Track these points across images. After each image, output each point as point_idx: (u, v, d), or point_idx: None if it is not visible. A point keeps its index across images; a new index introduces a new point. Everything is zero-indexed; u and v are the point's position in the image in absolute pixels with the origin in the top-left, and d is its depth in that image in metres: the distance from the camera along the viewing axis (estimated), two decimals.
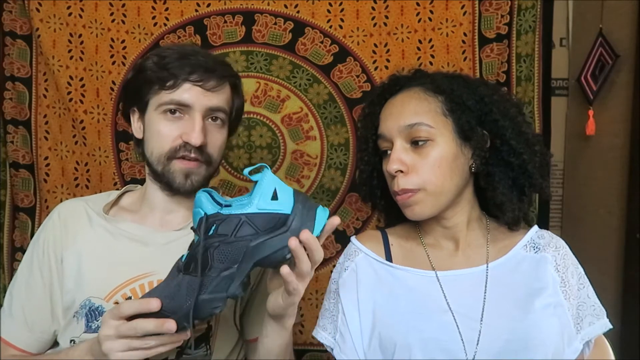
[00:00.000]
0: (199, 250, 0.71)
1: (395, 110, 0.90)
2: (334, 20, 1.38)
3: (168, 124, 0.92)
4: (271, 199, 0.73)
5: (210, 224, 0.72)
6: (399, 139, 0.88)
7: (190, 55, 0.93)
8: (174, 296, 0.70)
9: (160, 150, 0.93)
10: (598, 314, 0.89)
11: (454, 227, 0.93)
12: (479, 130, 0.89)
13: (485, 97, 0.90)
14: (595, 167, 1.43)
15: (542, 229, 0.97)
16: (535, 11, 1.36)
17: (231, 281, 0.71)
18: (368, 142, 0.96)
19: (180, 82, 0.90)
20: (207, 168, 0.95)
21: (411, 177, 0.86)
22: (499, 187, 0.89)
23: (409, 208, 0.88)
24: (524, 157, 0.89)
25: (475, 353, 0.82)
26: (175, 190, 0.94)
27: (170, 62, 0.91)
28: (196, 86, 0.91)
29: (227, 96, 0.96)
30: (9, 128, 1.44)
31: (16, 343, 0.93)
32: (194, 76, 0.91)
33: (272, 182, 0.74)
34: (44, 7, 1.38)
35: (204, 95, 0.91)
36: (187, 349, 0.90)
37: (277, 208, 0.73)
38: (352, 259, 0.95)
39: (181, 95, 0.91)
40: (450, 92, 0.89)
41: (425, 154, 0.86)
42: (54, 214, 0.99)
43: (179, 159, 0.92)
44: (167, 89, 0.91)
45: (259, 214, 0.72)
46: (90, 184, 1.44)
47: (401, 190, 0.87)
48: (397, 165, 0.86)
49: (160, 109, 0.92)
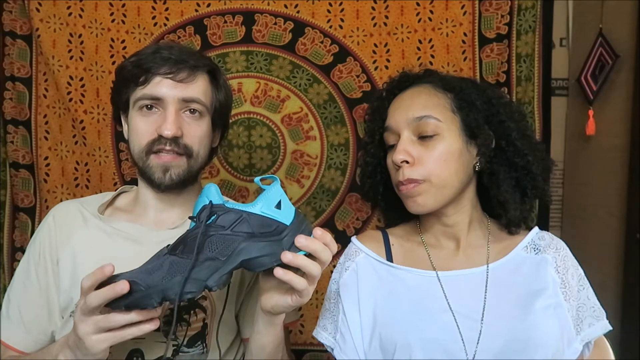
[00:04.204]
0: (197, 234, 0.71)
1: (404, 104, 0.92)
2: (334, 20, 1.38)
3: (144, 119, 0.93)
4: (275, 207, 0.74)
5: (213, 212, 0.73)
6: (406, 131, 0.89)
7: (162, 50, 0.94)
8: (153, 271, 0.70)
9: (139, 147, 0.93)
10: (598, 316, 0.90)
11: (454, 225, 0.93)
12: (486, 129, 0.90)
13: (493, 99, 0.92)
14: (595, 167, 1.43)
15: (542, 230, 0.98)
16: (535, 11, 1.36)
17: (213, 272, 0.71)
18: (375, 136, 0.97)
19: (152, 76, 0.91)
20: (188, 161, 0.94)
21: (417, 168, 0.87)
22: (503, 185, 0.90)
23: (411, 199, 0.89)
24: (528, 159, 0.90)
25: (475, 353, 0.82)
26: (156, 186, 0.94)
27: (143, 59, 0.93)
28: (167, 79, 0.91)
29: (202, 87, 0.95)
30: (9, 128, 1.44)
31: (14, 345, 0.94)
32: (164, 69, 0.91)
33: (280, 194, 0.76)
34: (44, 7, 1.38)
35: (174, 87, 0.92)
36: (182, 347, 0.90)
37: (278, 216, 0.74)
38: (353, 259, 0.95)
39: (153, 89, 0.91)
40: (459, 90, 0.91)
41: (432, 147, 0.87)
42: (49, 216, 1.00)
43: (155, 154, 0.92)
44: (141, 84, 0.92)
45: (260, 216, 0.73)
46: (90, 184, 1.44)
47: (406, 180, 0.87)
48: (403, 156, 0.87)
49: (137, 105, 0.93)
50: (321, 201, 1.41)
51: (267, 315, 0.82)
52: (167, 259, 0.72)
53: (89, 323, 0.70)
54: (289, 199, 1.47)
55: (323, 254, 0.73)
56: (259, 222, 0.73)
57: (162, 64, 0.92)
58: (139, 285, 0.68)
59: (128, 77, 0.93)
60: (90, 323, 0.70)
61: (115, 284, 0.68)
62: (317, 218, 1.41)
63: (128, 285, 0.68)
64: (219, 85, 1.00)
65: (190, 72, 0.93)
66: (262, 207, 0.74)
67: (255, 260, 0.72)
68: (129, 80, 0.93)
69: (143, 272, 0.71)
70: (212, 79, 0.98)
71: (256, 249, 0.72)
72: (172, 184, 0.93)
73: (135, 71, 0.92)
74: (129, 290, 0.67)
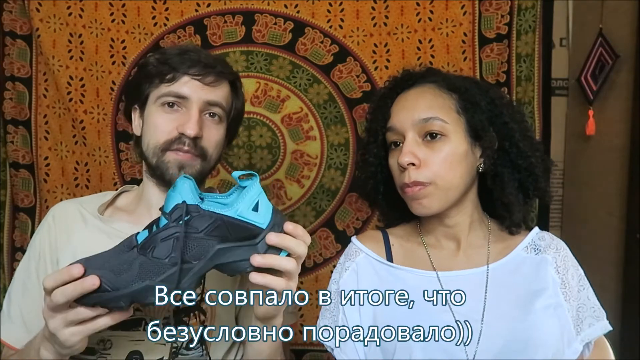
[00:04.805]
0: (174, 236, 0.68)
1: (408, 104, 0.91)
2: (334, 20, 1.38)
3: (165, 116, 0.93)
4: (252, 209, 0.72)
5: (186, 213, 0.70)
6: (411, 132, 0.88)
7: (190, 52, 0.95)
8: (121, 272, 0.67)
9: (155, 142, 0.93)
10: (598, 316, 0.89)
11: (455, 226, 0.93)
12: (490, 130, 0.90)
13: (496, 100, 0.92)
14: (595, 167, 1.43)
15: (542, 231, 0.98)
16: (535, 11, 1.36)
17: (185, 276, 0.69)
18: (377, 135, 0.95)
19: (180, 75, 0.92)
20: (202, 162, 0.94)
21: (423, 171, 0.86)
22: (507, 187, 0.90)
23: (417, 201, 0.88)
24: (531, 160, 0.90)
25: (475, 353, 0.82)
26: (168, 182, 0.94)
27: (171, 57, 0.94)
28: (195, 79, 0.92)
29: (225, 93, 0.97)
30: (9, 128, 1.44)
31: (15, 344, 0.94)
32: (193, 70, 0.93)
33: (258, 193, 0.73)
34: (44, 7, 1.38)
35: (201, 88, 0.93)
36: (182, 350, 0.90)
37: (255, 220, 0.72)
38: (353, 259, 0.95)
39: (180, 87, 0.92)
40: (464, 91, 0.90)
41: (437, 149, 0.87)
42: (48, 216, 1.00)
43: (173, 151, 0.92)
44: (167, 81, 0.93)
45: (236, 220, 0.71)
46: (90, 184, 1.44)
47: (412, 182, 0.86)
48: (409, 158, 0.86)
49: (159, 101, 0.94)
50: (321, 201, 1.41)
51: (263, 322, 0.81)
52: (137, 258, 0.69)
53: (58, 318, 0.69)
54: (289, 199, 1.47)
55: (297, 248, 0.73)
56: (235, 227, 0.71)
57: (191, 65, 0.93)
58: (106, 286, 0.66)
59: (153, 72, 0.94)
60: (59, 318, 0.69)
61: (84, 279, 0.65)
62: (317, 218, 1.41)
63: (98, 281, 0.65)
64: (238, 94, 1.02)
65: (217, 77, 0.94)
66: (239, 210, 0.71)
67: (229, 265, 0.71)
68: (154, 76, 0.94)
69: (109, 270, 0.67)
70: (232, 87, 1.00)
71: (231, 255, 0.71)
72: None
73: (162, 68, 0.93)
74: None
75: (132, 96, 0.99)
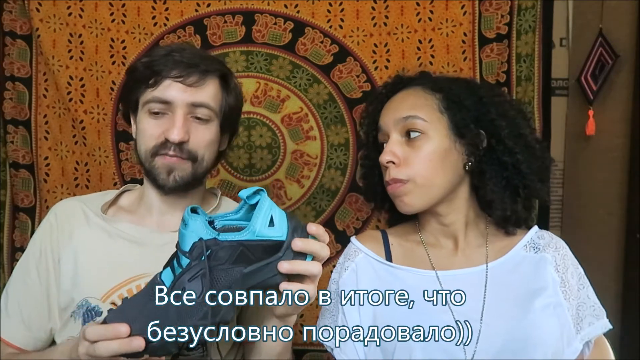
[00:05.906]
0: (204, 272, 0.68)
1: (393, 105, 0.94)
2: (334, 20, 1.38)
3: (152, 122, 0.93)
4: (268, 226, 0.71)
5: (206, 249, 0.70)
6: (394, 132, 0.91)
7: (175, 52, 0.93)
8: (158, 318, 0.67)
9: (145, 148, 0.94)
10: (598, 315, 0.90)
11: (451, 224, 0.94)
12: (474, 128, 0.91)
13: (484, 98, 0.92)
14: (595, 167, 1.43)
15: (542, 230, 0.98)
16: (535, 11, 1.35)
17: (222, 309, 0.69)
18: (369, 137, 1.00)
19: (161, 79, 0.91)
20: (193, 165, 0.94)
21: (402, 169, 0.89)
22: (489, 184, 0.91)
23: (399, 198, 0.91)
24: (517, 157, 0.90)
25: (474, 353, 0.82)
26: (161, 187, 0.94)
27: (155, 61, 0.93)
28: (177, 82, 0.91)
29: (212, 91, 0.95)
30: (9, 128, 1.44)
31: (13, 341, 0.94)
32: (174, 72, 0.91)
33: (271, 207, 0.72)
34: (44, 7, 1.38)
35: (184, 91, 0.91)
36: (183, 351, 0.90)
37: (273, 235, 0.71)
38: (352, 259, 0.95)
39: (163, 92, 0.91)
40: (448, 91, 0.92)
41: (417, 147, 0.89)
42: (50, 214, 1.00)
43: (161, 156, 0.92)
44: (151, 86, 0.92)
45: (256, 241, 0.70)
46: (90, 184, 1.44)
47: (392, 179, 0.90)
48: (389, 157, 0.90)
49: (146, 107, 0.93)
50: (321, 201, 1.41)
51: (280, 319, 0.82)
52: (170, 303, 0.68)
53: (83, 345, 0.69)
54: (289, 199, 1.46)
55: (322, 251, 0.74)
56: (256, 248, 0.70)
57: (172, 67, 0.91)
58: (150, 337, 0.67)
59: (139, 78, 0.94)
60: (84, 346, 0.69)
61: (131, 340, 0.66)
62: (317, 218, 1.41)
63: (144, 343, 0.66)
64: (229, 90, 0.99)
65: (201, 76, 0.92)
66: (256, 230, 0.70)
67: (260, 284, 0.71)
68: (140, 82, 0.93)
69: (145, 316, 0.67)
70: (222, 83, 0.97)
71: (259, 274, 0.71)
72: (176, 186, 0.93)
73: (146, 72, 0.93)
74: None
75: (126, 102, 1.00)
